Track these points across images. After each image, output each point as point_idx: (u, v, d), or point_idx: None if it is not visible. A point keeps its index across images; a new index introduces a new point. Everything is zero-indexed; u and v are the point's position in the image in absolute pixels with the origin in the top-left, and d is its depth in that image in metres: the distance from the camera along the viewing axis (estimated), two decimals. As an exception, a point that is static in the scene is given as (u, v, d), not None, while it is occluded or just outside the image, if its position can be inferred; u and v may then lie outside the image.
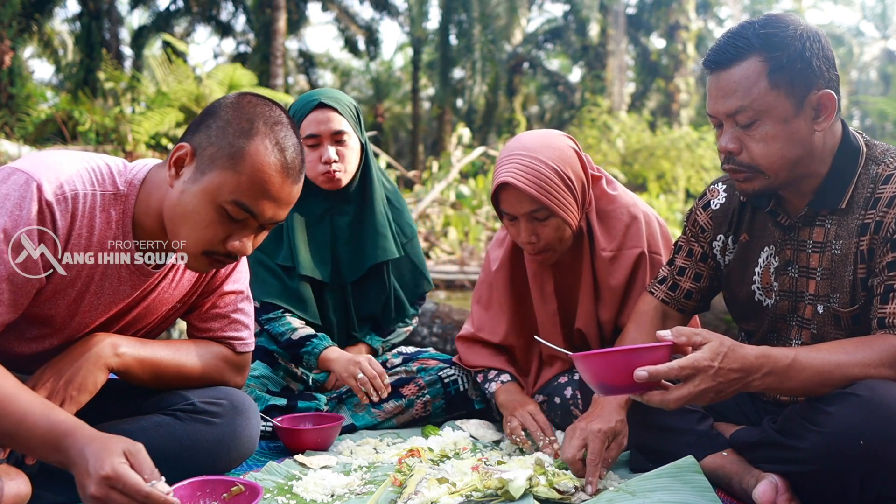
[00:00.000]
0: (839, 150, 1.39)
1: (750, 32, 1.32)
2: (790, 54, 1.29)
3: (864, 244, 1.34)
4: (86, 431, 1.14)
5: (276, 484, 1.53)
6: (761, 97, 1.31)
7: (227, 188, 1.25)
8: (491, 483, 1.39)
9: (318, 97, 2.05)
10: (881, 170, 1.36)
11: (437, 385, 2.06)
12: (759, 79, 1.30)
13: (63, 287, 1.32)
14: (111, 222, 1.31)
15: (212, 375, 1.53)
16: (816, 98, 1.32)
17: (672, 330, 1.23)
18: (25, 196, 1.20)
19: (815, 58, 1.30)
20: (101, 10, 14.95)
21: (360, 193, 2.16)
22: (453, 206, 10.38)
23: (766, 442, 1.38)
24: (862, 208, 1.36)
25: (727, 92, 1.33)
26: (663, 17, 19.13)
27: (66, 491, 1.34)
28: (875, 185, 1.35)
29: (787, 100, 1.31)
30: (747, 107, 1.32)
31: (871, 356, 1.25)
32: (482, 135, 18.73)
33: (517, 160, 1.72)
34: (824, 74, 1.31)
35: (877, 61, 26.83)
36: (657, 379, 1.19)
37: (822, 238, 1.41)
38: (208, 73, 12.06)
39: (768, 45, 1.30)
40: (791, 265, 1.46)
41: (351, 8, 19.55)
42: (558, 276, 1.92)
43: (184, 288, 1.51)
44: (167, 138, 11.41)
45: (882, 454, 1.18)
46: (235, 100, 1.31)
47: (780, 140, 1.33)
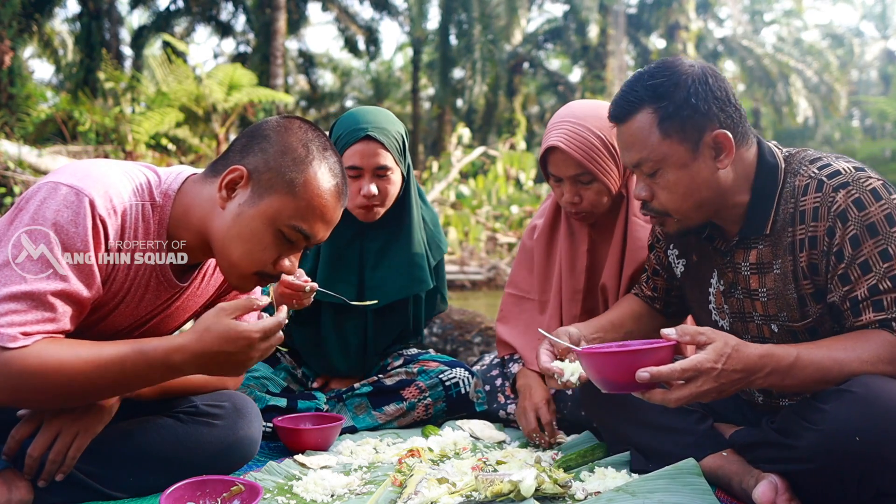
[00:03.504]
0: (756, 175, 1.42)
1: (639, 86, 1.38)
2: (676, 102, 1.34)
3: (804, 260, 1.37)
4: (177, 339, 1.22)
5: (276, 484, 1.53)
6: (656, 147, 1.36)
7: (287, 213, 1.28)
8: (503, 487, 1.39)
9: (366, 128, 1.95)
10: (798, 181, 1.38)
11: (439, 388, 2.05)
12: (651, 130, 1.36)
13: (106, 300, 1.32)
14: (149, 233, 1.32)
15: (214, 384, 1.55)
16: (711, 139, 1.36)
17: (676, 329, 1.24)
18: (80, 212, 1.19)
19: (701, 101, 1.34)
20: (101, 10, 14.93)
21: (395, 221, 2.08)
22: (453, 206, 10.38)
23: (764, 441, 1.38)
24: (790, 225, 1.38)
25: (628, 145, 1.41)
26: (663, 17, 19.12)
27: (66, 493, 1.35)
28: (797, 199, 1.37)
29: (682, 146, 1.35)
30: (647, 158, 1.38)
31: (868, 353, 1.26)
32: (482, 135, 18.71)
33: (566, 126, 1.84)
34: (716, 115, 1.35)
35: (877, 61, 26.83)
36: (659, 381, 1.20)
37: (756, 260, 1.44)
38: (208, 73, 12.03)
39: (655, 96, 1.36)
40: (735, 287, 1.49)
41: (351, 8, 19.53)
42: (593, 236, 2.04)
43: (205, 296, 1.53)
44: (167, 138, 11.40)
45: (879, 450, 1.18)
46: (285, 124, 1.33)
47: (682, 185, 1.38)
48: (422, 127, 22.18)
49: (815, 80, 19.89)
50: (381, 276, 2.07)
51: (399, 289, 2.07)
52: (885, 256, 1.28)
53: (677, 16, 18.71)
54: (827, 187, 1.33)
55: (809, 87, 19.86)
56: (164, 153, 10.88)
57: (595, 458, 1.68)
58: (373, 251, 2.08)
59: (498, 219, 10.65)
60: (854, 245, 1.30)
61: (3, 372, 1.12)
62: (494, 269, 8.90)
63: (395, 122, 2.03)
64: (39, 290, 1.16)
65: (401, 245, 2.08)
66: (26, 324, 1.15)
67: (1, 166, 7.70)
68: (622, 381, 1.22)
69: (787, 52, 20.32)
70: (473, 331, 3.36)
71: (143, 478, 1.41)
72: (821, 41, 24.70)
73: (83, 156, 9.59)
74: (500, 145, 12.70)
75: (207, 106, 11.63)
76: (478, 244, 9.59)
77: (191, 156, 11.37)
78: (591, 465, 1.62)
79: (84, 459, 1.34)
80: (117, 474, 1.39)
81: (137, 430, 1.42)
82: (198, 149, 11.54)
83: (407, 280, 2.07)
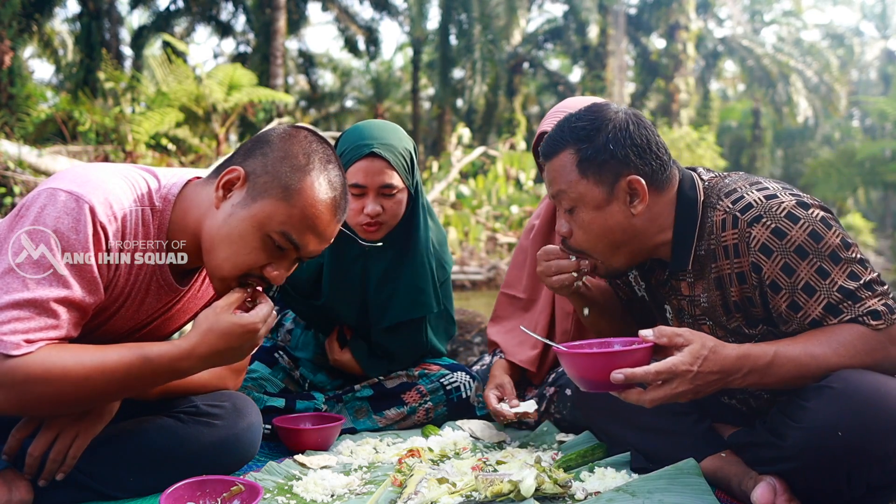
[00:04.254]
0: (677, 215, 1.45)
1: (566, 126, 1.45)
2: (595, 146, 1.40)
3: (735, 295, 1.39)
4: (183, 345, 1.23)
5: (276, 484, 1.53)
6: (573, 185, 1.43)
7: (278, 218, 1.27)
8: (503, 487, 1.39)
9: (371, 144, 1.85)
10: (716, 216, 1.40)
11: (440, 392, 2.05)
12: (571, 169, 1.43)
13: (107, 304, 1.32)
14: (149, 237, 1.31)
15: (214, 384, 1.54)
16: (626, 183, 1.40)
17: (654, 330, 1.26)
18: (80, 219, 1.18)
19: (619, 148, 1.39)
20: (101, 10, 14.92)
21: (401, 241, 1.98)
22: (453, 206, 10.38)
23: (756, 442, 1.39)
24: (713, 260, 1.40)
25: (551, 180, 1.47)
26: (663, 18, 19.12)
27: (66, 493, 1.35)
28: (717, 235, 1.39)
29: (597, 187, 1.41)
30: (565, 192, 1.44)
31: (845, 346, 1.27)
32: (482, 135, 18.71)
33: (561, 115, 1.87)
34: (633, 161, 1.40)
35: (877, 61, 26.83)
36: (634, 382, 1.23)
37: (688, 292, 1.48)
38: (208, 73, 12.02)
39: (577, 138, 1.42)
40: (682, 313, 1.52)
41: (351, 8, 19.53)
42: None
43: (205, 299, 1.53)
44: (167, 138, 11.40)
45: (861, 444, 1.20)
46: (291, 132, 1.33)
47: (596, 226, 1.43)
48: (422, 127, 22.17)
49: (815, 80, 19.90)
50: (385, 298, 2.00)
51: (401, 312, 2.00)
52: (822, 273, 1.29)
53: (677, 16, 18.72)
54: (742, 223, 1.34)
55: (809, 87, 19.88)
56: (164, 153, 10.87)
57: (595, 458, 1.68)
58: (377, 271, 1.99)
59: (498, 219, 10.65)
60: (788, 273, 1.30)
61: (8, 380, 1.12)
62: (494, 269, 8.91)
63: (403, 137, 1.94)
64: (42, 298, 1.15)
65: (406, 267, 1.99)
66: (29, 331, 1.14)
67: (1, 166, 7.70)
68: (599, 381, 1.26)
69: (787, 52, 20.34)
70: (473, 331, 3.36)
71: (143, 478, 1.41)
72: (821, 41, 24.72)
73: (83, 156, 9.58)
74: (500, 145, 12.69)
75: (207, 106, 11.63)
76: (478, 244, 9.59)
77: (191, 156, 11.36)
78: (591, 465, 1.62)
79: (84, 459, 1.34)
80: (117, 474, 1.39)
81: (137, 430, 1.42)
82: (198, 149, 11.53)
83: (410, 303, 1.99)
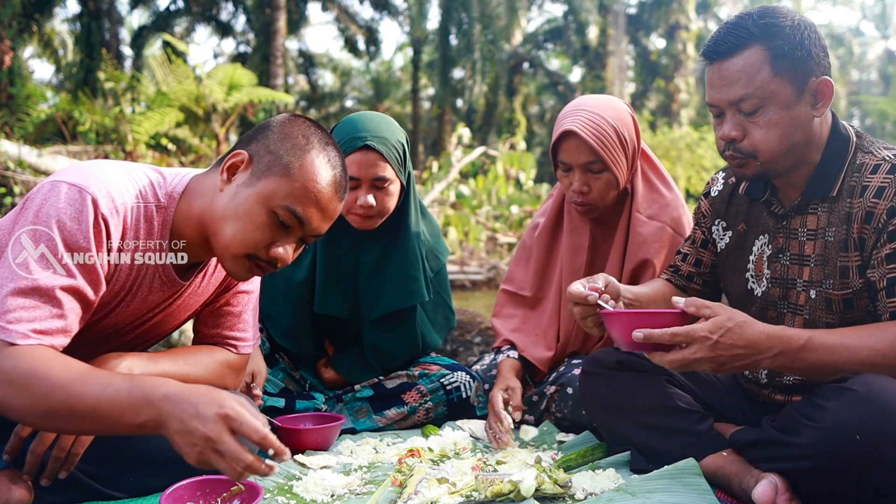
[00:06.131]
0: (830, 140, 1.43)
1: (749, 23, 1.37)
2: (790, 43, 1.34)
3: (855, 232, 1.38)
4: (176, 383, 1.10)
5: (276, 484, 1.53)
6: (765, 84, 1.35)
7: (282, 193, 1.29)
8: (503, 487, 1.39)
9: (364, 136, 1.86)
10: (868, 160, 1.40)
11: (440, 392, 2.05)
12: (762, 67, 1.35)
13: (109, 298, 1.32)
14: (153, 234, 1.33)
15: (214, 383, 1.53)
16: (815, 84, 1.37)
17: (687, 299, 1.29)
18: (82, 210, 1.19)
19: (813, 46, 1.36)
20: (101, 10, 14.94)
21: (392, 231, 2.01)
22: (453, 206, 10.37)
23: (765, 440, 1.39)
24: (850, 196, 1.39)
25: (730, 81, 1.37)
26: (663, 17, 19.12)
27: (66, 493, 1.35)
28: (862, 175, 1.39)
29: (790, 87, 1.35)
30: (752, 94, 1.36)
31: (882, 342, 1.27)
32: (482, 135, 18.70)
33: (582, 114, 1.88)
34: (822, 62, 1.37)
35: (877, 61, 26.83)
36: (652, 342, 1.26)
37: (815, 226, 1.45)
38: (208, 73, 12.02)
39: (768, 34, 1.35)
40: (783, 253, 1.50)
41: (351, 8, 19.54)
42: (595, 232, 2.07)
43: (206, 295, 1.53)
44: (167, 138, 11.40)
45: (878, 450, 1.19)
46: (290, 118, 1.38)
47: (782, 126, 1.37)
48: (422, 127, 22.17)
49: (815, 80, 19.87)
50: (377, 288, 2.03)
51: (392, 301, 2.02)
52: None
53: (677, 16, 18.72)
54: None
55: (809, 87, 19.83)
56: (164, 153, 10.88)
57: (595, 458, 1.67)
58: (369, 262, 2.02)
59: (498, 219, 10.65)
60: None
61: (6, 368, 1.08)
62: (494, 269, 8.90)
63: (396, 129, 1.95)
64: (48, 285, 1.15)
65: (396, 257, 2.02)
66: (35, 320, 1.14)
67: (1, 166, 7.70)
68: (629, 341, 1.30)
69: (787, 52, 20.29)
70: (473, 331, 3.35)
71: (143, 478, 1.41)
72: (821, 41, 24.65)
73: (83, 156, 9.58)
74: (500, 145, 12.68)
75: (207, 106, 11.63)
76: (478, 244, 9.59)
77: (191, 156, 11.36)
78: (591, 465, 1.62)
79: (84, 459, 1.33)
80: (117, 474, 1.39)
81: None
82: (198, 149, 11.54)
83: (401, 292, 2.02)
